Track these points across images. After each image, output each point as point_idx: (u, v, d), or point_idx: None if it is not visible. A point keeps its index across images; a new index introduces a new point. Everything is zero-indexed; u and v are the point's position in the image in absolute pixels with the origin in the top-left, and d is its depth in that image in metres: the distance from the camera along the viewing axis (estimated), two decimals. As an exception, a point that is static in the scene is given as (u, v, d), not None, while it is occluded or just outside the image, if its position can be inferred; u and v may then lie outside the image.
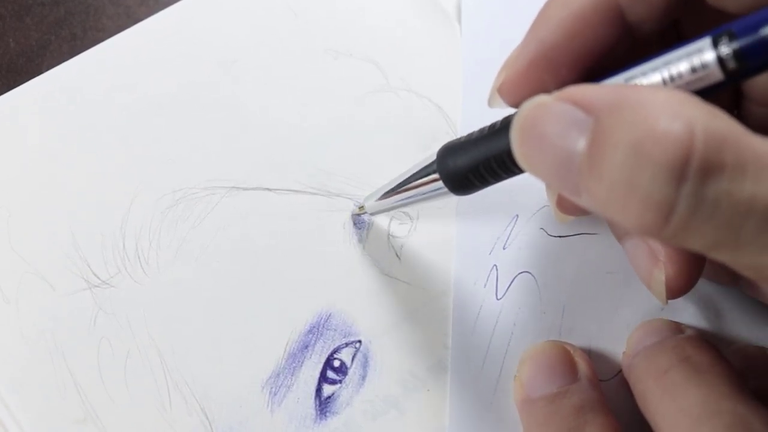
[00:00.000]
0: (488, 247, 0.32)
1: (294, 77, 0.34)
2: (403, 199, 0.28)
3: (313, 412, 0.30)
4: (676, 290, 0.25)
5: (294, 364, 0.30)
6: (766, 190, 0.16)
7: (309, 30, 0.35)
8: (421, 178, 0.26)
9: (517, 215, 0.32)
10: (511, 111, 0.23)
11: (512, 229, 0.32)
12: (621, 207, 0.18)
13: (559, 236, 0.31)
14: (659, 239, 0.20)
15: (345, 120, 0.34)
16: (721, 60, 0.18)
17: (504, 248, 0.31)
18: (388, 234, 0.32)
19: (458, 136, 0.25)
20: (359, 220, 0.32)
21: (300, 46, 0.35)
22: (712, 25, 0.20)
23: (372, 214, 0.31)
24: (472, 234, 0.32)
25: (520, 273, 0.31)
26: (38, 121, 0.33)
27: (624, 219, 0.18)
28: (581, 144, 0.18)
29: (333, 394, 0.30)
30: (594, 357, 0.30)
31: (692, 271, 0.25)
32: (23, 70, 0.35)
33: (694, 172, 0.16)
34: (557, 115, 0.19)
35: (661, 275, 0.25)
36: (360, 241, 0.32)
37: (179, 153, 0.33)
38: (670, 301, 0.25)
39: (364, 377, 0.30)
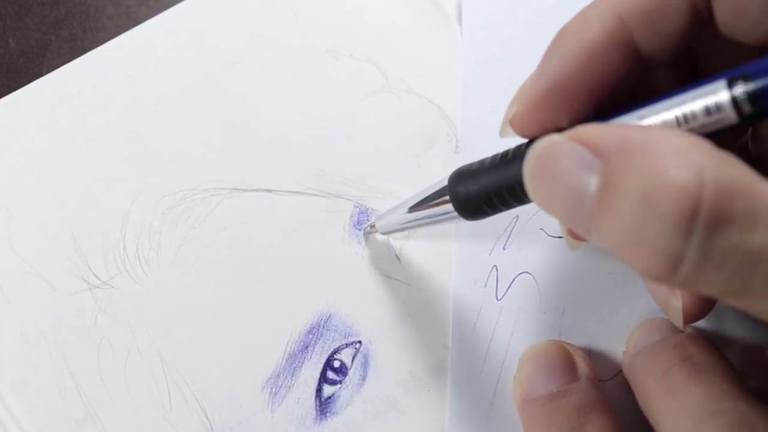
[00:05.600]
0: (488, 247, 0.32)
1: (294, 78, 0.34)
2: (413, 221, 0.28)
3: (314, 412, 0.30)
4: (692, 316, 0.25)
5: (294, 365, 0.30)
6: None
7: (309, 31, 0.35)
8: (432, 201, 0.27)
9: (517, 215, 0.32)
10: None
11: (512, 229, 0.32)
12: (630, 253, 0.17)
13: (559, 237, 0.31)
14: (669, 285, 0.20)
15: (345, 121, 0.34)
16: (735, 102, 0.18)
17: (504, 248, 0.31)
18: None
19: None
20: (359, 221, 0.32)
21: (300, 47, 0.35)
22: (726, 54, 0.19)
23: (383, 233, 0.31)
24: (471, 235, 0.32)
25: (520, 273, 0.31)
26: (39, 122, 0.33)
27: (633, 265, 0.18)
28: (592, 185, 0.18)
29: (333, 394, 0.30)
30: (594, 357, 0.30)
31: (709, 298, 0.25)
32: (23, 70, 0.35)
33: (703, 224, 0.16)
34: (568, 155, 0.19)
35: (677, 302, 0.25)
36: (360, 242, 0.32)
37: (180, 154, 0.33)
38: None
39: (364, 377, 0.30)
